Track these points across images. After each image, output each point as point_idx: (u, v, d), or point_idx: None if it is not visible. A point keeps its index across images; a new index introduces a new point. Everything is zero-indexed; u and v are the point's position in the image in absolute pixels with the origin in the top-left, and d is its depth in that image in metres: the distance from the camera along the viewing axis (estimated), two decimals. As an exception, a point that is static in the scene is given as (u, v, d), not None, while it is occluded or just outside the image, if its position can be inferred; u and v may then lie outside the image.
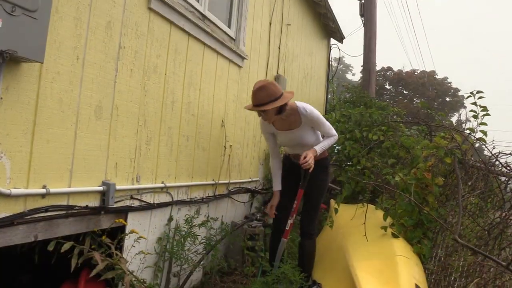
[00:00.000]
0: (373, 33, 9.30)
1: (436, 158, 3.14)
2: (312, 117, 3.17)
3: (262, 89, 2.96)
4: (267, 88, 2.97)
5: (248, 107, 3.16)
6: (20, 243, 1.90)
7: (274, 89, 2.99)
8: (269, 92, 2.96)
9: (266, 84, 2.99)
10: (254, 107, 3.04)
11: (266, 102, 2.96)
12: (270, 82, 3.05)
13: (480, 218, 2.79)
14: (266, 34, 4.84)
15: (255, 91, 2.98)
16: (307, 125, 3.23)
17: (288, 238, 3.31)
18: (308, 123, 3.22)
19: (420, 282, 2.49)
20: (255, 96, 2.99)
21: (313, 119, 3.19)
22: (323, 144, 3.24)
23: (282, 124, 3.24)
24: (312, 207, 3.34)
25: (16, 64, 1.75)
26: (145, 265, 2.67)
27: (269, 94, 2.96)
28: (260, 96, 2.96)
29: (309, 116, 3.17)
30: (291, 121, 3.21)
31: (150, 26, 2.63)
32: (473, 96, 3.20)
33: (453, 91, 33.15)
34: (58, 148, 1.99)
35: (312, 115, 3.17)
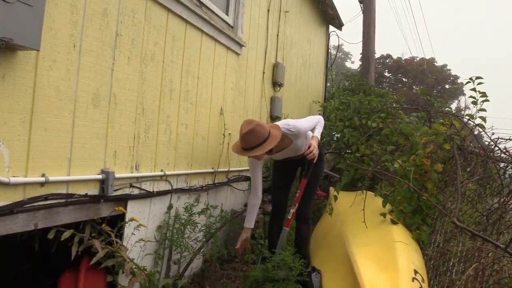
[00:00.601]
0: (372, 20, 9.23)
1: (435, 145, 3.14)
2: (299, 131, 3.18)
3: (250, 133, 2.87)
4: (255, 131, 2.87)
5: (237, 151, 3.07)
6: (20, 231, 1.90)
7: (262, 131, 2.90)
8: (258, 135, 2.88)
9: (254, 127, 2.87)
10: (245, 151, 2.96)
11: (256, 145, 2.90)
12: (257, 124, 2.91)
13: (478, 204, 2.79)
14: (264, 21, 4.80)
15: (244, 135, 2.89)
16: (298, 138, 3.25)
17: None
18: (298, 136, 3.23)
19: (419, 268, 2.51)
20: (244, 140, 2.91)
21: (300, 132, 3.19)
22: (318, 130, 3.31)
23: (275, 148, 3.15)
24: (307, 192, 3.37)
25: (12, 52, 1.73)
26: (145, 253, 2.69)
27: (258, 137, 2.88)
28: (249, 140, 2.89)
29: (297, 132, 3.17)
30: (282, 144, 3.19)
31: (147, 13, 2.60)
32: (473, 82, 3.19)
33: (453, 79, 33.05)
34: (56, 136, 1.99)
35: (299, 129, 3.16)
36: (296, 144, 3.27)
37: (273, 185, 3.72)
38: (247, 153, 2.97)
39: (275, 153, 3.28)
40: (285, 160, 3.51)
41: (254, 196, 3.33)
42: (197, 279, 3.33)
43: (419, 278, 2.39)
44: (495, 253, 2.24)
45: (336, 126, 5.53)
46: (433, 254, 2.83)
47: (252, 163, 3.26)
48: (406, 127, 4.24)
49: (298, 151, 3.34)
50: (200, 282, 3.30)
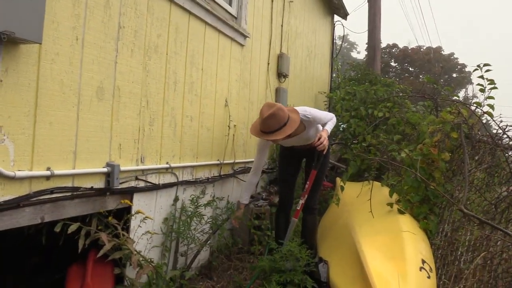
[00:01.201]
0: (378, 8, 9.15)
1: (443, 133, 3.11)
2: (314, 119, 3.20)
3: (272, 117, 2.89)
4: (277, 115, 2.90)
5: (255, 134, 3.06)
6: (27, 225, 1.91)
7: (282, 115, 2.93)
8: (279, 119, 2.91)
9: (275, 111, 2.90)
10: (265, 135, 2.97)
11: (277, 129, 2.93)
12: (278, 107, 2.94)
13: (487, 193, 2.76)
14: (268, 12, 4.76)
15: (265, 119, 2.90)
16: (311, 126, 3.27)
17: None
18: (312, 125, 3.25)
19: (427, 257, 2.50)
20: (265, 124, 2.92)
21: (315, 120, 3.22)
22: (329, 126, 3.32)
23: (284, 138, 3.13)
24: (315, 183, 3.37)
25: (15, 45, 1.72)
26: (152, 245, 2.69)
27: (279, 121, 2.91)
28: (270, 123, 2.91)
29: (312, 119, 3.19)
30: (296, 130, 3.16)
31: (150, 4, 2.58)
32: (480, 70, 3.14)
33: (460, 67, 32.71)
34: (61, 130, 1.99)
35: (314, 117, 3.20)
36: (308, 132, 3.27)
37: (280, 177, 3.72)
38: (267, 137, 2.99)
39: (287, 139, 3.26)
40: (291, 151, 3.50)
41: (254, 175, 3.41)
42: (205, 271, 3.34)
43: (426, 267, 2.38)
44: (504, 242, 2.21)
45: (342, 116, 5.50)
46: (441, 244, 2.81)
47: (262, 145, 3.32)
48: (413, 116, 4.21)
49: (308, 140, 3.34)
50: (207, 273, 3.31)
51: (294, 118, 3.01)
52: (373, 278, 2.21)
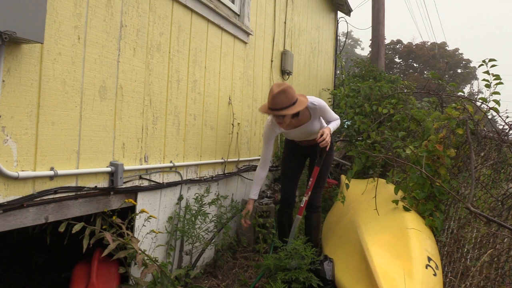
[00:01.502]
0: (381, 4, 9.08)
1: (448, 130, 3.08)
2: (320, 109, 3.20)
3: (282, 93, 2.90)
4: (287, 92, 2.91)
5: (264, 111, 3.06)
6: (31, 225, 1.91)
7: (292, 93, 2.94)
8: (288, 96, 2.91)
9: (286, 88, 2.91)
10: (274, 111, 2.96)
11: (286, 106, 2.92)
12: (288, 86, 2.95)
13: (493, 189, 2.74)
14: (271, 9, 4.74)
15: (276, 94, 2.90)
16: (316, 118, 3.27)
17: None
18: (317, 115, 3.25)
19: (433, 254, 2.48)
20: (275, 99, 2.91)
21: (321, 110, 3.22)
22: (333, 125, 3.30)
23: (290, 123, 3.19)
24: (318, 181, 3.36)
25: (16, 45, 1.72)
26: (157, 244, 2.69)
27: (289, 99, 2.91)
28: (281, 100, 2.90)
29: (318, 109, 3.19)
30: (301, 119, 3.21)
31: (152, 3, 2.57)
32: (486, 65, 3.11)
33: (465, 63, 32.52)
34: (64, 129, 1.98)
35: (321, 107, 3.20)
36: (312, 124, 3.26)
37: (282, 175, 3.70)
38: (275, 113, 2.97)
39: (291, 129, 3.28)
40: (294, 149, 3.49)
41: (262, 168, 3.37)
42: (210, 269, 3.34)
43: (432, 265, 2.36)
44: (511, 239, 2.19)
45: (346, 113, 5.47)
46: (447, 241, 2.79)
47: (268, 135, 3.30)
48: (418, 112, 4.18)
49: (311, 134, 3.32)
50: (212, 272, 3.31)
51: (302, 99, 3.05)
52: (378, 276, 2.20)
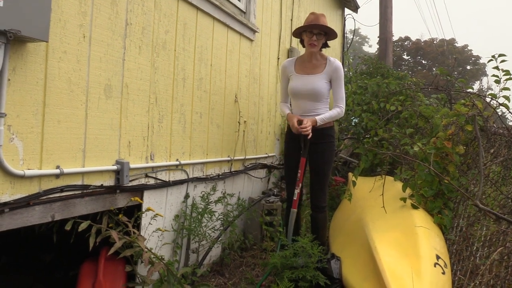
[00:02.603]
0: (389, 1, 9.02)
1: (457, 126, 3.04)
2: (336, 69, 3.26)
3: (324, 16, 3.25)
4: (325, 18, 3.27)
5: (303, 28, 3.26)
6: (38, 223, 1.92)
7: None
8: (325, 21, 3.25)
9: (324, 14, 3.28)
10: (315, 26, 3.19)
11: (323, 24, 3.20)
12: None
13: (503, 187, 2.70)
14: (277, 6, 4.71)
15: (320, 15, 3.22)
16: (327, 76, 3.27)
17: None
18: (329, 74, 3.27)
19: (441, 253, 2.45)
20: (319, 19, 3.20)
21: (336, 72, 3.26)
22: (326, 116, 3.21)
23: (306, 67, 3.32)
24: (320, 179, 3.29)
25: (22, 44, 1.72)
26: (163, 242, 2.69)
27: (326, 22, 3.26)
28: (322, 19, 3.22)
29: (334, 67, 3.26)
30: (315, 65, 3.30)
31: (157, 1, 2.57)
32: (495, 60, 3.06)
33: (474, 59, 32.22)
34: (70, 128, 1.99)
35: (338, 68, 3.27)
36: (321, 80, 3.25)
37: (285, 171, 3.65)
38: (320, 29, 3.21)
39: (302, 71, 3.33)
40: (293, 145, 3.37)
41: (284, 102, 3.55)
42: (216, 267, 3.34)
43: (441, 263, 2.33)
44: (521, 237, 2.16)
45: (353, 111, 5.43)
46: (455, 239, 2.76)
47: (282, 73, 3.50)
48: (426, 109, 4.13)
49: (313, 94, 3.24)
50: (219, 270, 3.31)
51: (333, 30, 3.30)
52: (386, 275, 2.17)
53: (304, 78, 3.27)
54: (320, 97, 3.22)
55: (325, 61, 3.29)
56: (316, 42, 3.21)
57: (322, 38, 3.25)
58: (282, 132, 4.91)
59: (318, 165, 3.28)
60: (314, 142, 3.20)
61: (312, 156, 3.30)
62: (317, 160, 3.28)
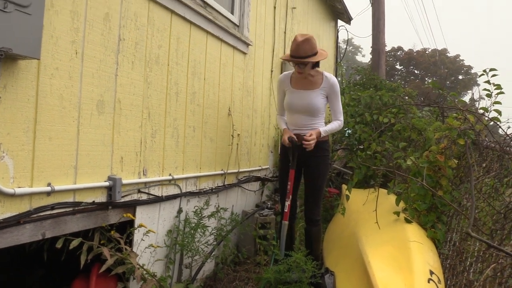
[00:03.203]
0: (382, 13, 9.10)
1: (449, 140, 3.06)
2: (333, 85, 3.25)
3: (307, 41, 3.05)
4: (311, 41, 3.07)
5: (286, 58, 3.20)
6: (28, 241, 1.89)
7: (315, 44, 3.11)
8: (312, 45, 3.07)
9: (310, 37, 3.07)
10: (297, 59, 3.08)
11: (309, 55, 3.05)
12: (312, 36, 3.11)
13: (495, 201, 2.70)
14: (271, 19, 4.74)
15: (301, 42, 3.04)
16: (324, 92, 3.26)
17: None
18: (326, 90, 3.26)
19: (435, 268, 2.44)
20: (300, 47, 3.05)
21: (333, 88, 3.25)
22: (328, 128, 3.27)
23: (303, 82, 3.29)
24: (315, 193, 3.29)
25: (13, 61, 1.71)
26: (156, 258, 2.67)
27: (312, 47, 3.06)
28: (305, 48, 3.04)
29: (331, 83, 3.25)
30: (311, 82, 3.27)
31: (150, 16, 2.57)
32: (486, 74, 3.09)
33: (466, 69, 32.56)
34: (61, 145, 1.97)
35: (334, 84, 3.26)
36: (317, 96, 3.24)
37: (280, 185, 3.65)
38: (299, 60, 3.09)
39: (298, 87, 3.31)
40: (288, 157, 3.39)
41: (280, 114, 3.54)
42: (210, 282, 3.31)
43: (435, 279, 2.33)
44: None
45: (347, 122, 5.45)
46: (449, 253, 2.76)
47: (278, 87, 3.49)
48: (419, 121, 4.15)
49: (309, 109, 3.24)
50: (212, 285, 3.28)
51: (322, 52, 3.17)
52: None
53: (300, 93, 3.27)
54: (317, 112, 3.24)
55: (321, 76, 3.28)
56: (301, 70, 3.18)
57: (307, 64, 3.13)
58: (276, 144, 4.91)
59: (312, 178, 3.28)
60: (308, 156, 3.21)
61: (307, 170, 3.31)
62: (312, 174, 3.28)
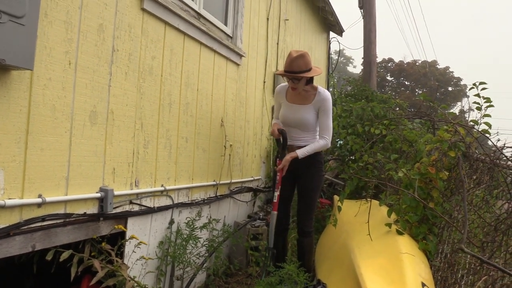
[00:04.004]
0: (373, 25, 9.20)
1: (440, 152, 3.08)
2: (324, 101, 3.25)
3: (301, 57, 3.07)
4: (305, 57, 3.09)
5: (281, 73, 3.23)
6: (18, 254, 1.86)
7: (309, 60, 3.12)
8: (306, 61, 3.08)
9: (304, 53, 3.09)
10: (291, 74, 3.09)
11: (303, 70, 3.06)
12: (306, 52, 3.13)
13: (486, 213, 2.73)
14: (264, 30, 4.77)
15: (295, 58, 3.05)
16: (315, 107, 3.26)
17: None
18: (317, 105, 3.26)
19: (427, 279, 2.45)
20: (294, 62, 3.06)
21: (324, 104, 3.25)
22: (308, 149, 3.22)
23: (297, 96, 3.31)
24: (308, 204, 3.31)
25: (5, 72, 1.70)
26: (147, 270, 2.64)
27: (306, 63, 3.08)
28: (299, 64, 3.06)
29: (322, 98, 3.25)
30: (305, 96, 3.29)
31: (144, 27, 2.58)
32: (476, 88, 3.13)
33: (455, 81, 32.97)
34: (53, 156, 1.95)
35: (326, 100, 3.26)
36: (309, 112, 3.26)
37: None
38: (292, 75, 3.10)
39: (296, 102, 3.32)
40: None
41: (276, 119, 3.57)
42: (201, 294, 3.28)
43: (427, 291, 2.33)
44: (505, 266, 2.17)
45: (339, 133, 5.48)
46: (440, 265, 2.76)
47: (275, 98, 3.53)
48: (410, 133, 4.19)
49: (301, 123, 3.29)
50: (204, 297, 3.25)
51: (317, 69, 3.19)
52: (372, 303, 2.16)
53: (293, 107, 3.30)
54: (308, 127, 3.26)
55: (315, 91, 3.28)
56: (295, 85, 3.19)
57: (301, 79, 3.14)
58: (268, 155, 4.92)
59: (305, 190, 3.29)
60: (302, 167, 3.23)
61: (300, 181, 3.32)
62: (305, 186, 3.30)
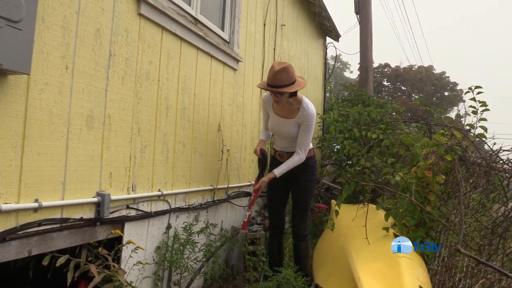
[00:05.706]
0: (369, 30, 9.25)
1: (437, 156, 3.09)
2: (306, 117, 3.17)
3: (284, 70, 2.98)
4: (288, 70, 3.00)
5: (263, 86, 3.15)
6: (14, 259, 1.85)
7: (293, 72, 3.04)
8: (289, 75, 3.00)
9: (287, 66, 3.01)
10: (273, 88, 3.03)
11: (286, 84, 2.99)
12: (290, 65, 3.05)
13: (483, 217, 2.74)
14: (260, 36, 4.79)
15: (277, 72, 2.97)
16: (298, 122, 3.22)
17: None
18: (299, 120, 3.20)
19: (424, 283, 2.45)
20: (276, 76, 2.99)
21: (306, 120, 3.18)
22: (283, 167, 3.24)
23: (281, 109, 3.27)
24: (301, 208, 3.32)
25: (2, 76, 1.70)
26: (144, 275, 2.63)
27: (289, 77, 3.00)
28: (281, 77, 2.98)
29: (305, 114, 3.17)
30: (290, 110, 3.24)
31: (141, 32, 2.58)
32: (472, 92, 3.15)
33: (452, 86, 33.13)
34: (50, 160, 1.95)
35: (308, 116, 3.17)
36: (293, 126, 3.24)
37: (268, 201, 3.64)
38: (274, 90, 3.03)
39: (281, 114, 3.29)
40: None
41: (265, 129, 3.59)
42: (198, 300, 3.26)
43: (424, 295, 2.33)
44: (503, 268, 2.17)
45: (336, 138, 5.49)
46: (438, 269, 2.76)
47: (263, 106, 3.48)
48: (407, 137, 4.21)
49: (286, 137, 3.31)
50: (201, 302, 3.23)
51: (301, 81, 3.11)
52: (370, 307, 2.16)
53: (279, 120, 3.31)
54: (295, 139, 3.27)
55: (299, 106, 3.20)
56: (278, 99, 3.12)
57: (283, 94, 3.07)
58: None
59: (298, 194, 3.30)
60: (295, 172, 3.24)
61: (293, 186, 3.33)
62: (298, 190, 3.31)
